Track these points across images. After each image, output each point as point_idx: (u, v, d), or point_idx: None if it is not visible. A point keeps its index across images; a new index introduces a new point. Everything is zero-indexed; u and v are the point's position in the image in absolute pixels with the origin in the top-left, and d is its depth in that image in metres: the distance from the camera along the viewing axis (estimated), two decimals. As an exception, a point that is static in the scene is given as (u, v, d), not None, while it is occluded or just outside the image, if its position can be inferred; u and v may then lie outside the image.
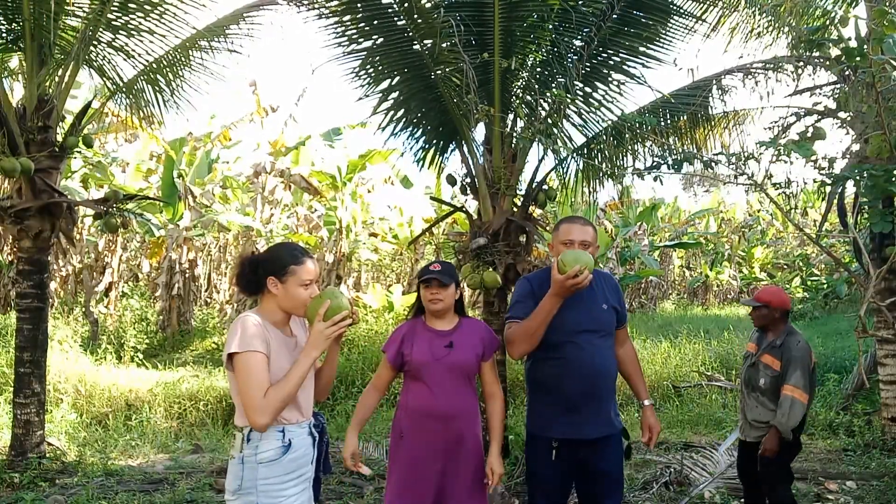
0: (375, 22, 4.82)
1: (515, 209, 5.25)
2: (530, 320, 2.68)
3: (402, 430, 2.87)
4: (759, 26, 5.97)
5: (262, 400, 2.15)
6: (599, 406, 2.78)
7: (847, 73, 4.30)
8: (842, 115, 4.83)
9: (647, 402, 2.99)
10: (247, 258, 2.43)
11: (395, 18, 4.78)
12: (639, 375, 3.06)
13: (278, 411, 2.19)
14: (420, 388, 2.83)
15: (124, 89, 5.72)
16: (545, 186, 5.42)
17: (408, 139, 5.59)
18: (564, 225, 2.86)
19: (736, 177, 3.93)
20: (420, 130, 5.55)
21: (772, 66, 5.00)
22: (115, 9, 5.07)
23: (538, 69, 5.10)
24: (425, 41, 4.76)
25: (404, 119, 5.39)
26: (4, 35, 5.23)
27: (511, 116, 5.33)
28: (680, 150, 5.09)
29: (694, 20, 5.22)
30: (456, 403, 2.82)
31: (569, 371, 2.74)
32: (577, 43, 5.03)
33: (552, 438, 2.76)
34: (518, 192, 5.30)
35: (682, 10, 5.17)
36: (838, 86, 4.99)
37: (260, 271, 2.34)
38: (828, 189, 4.71)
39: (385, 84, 5.17)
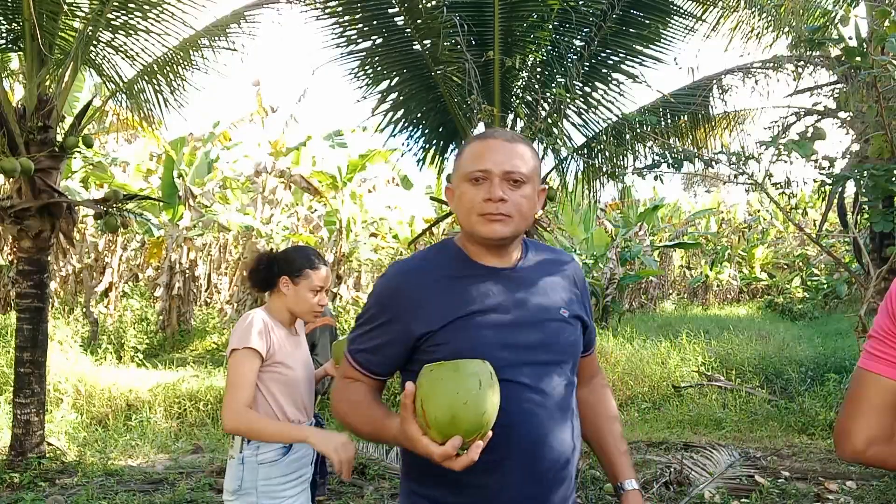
0: (375, 22, 4.83)
1: (515, 209, 5.24)
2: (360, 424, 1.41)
3: None
4: (758, 26, 5.97)
5: (243, 409, 2.13)
6: None
7: (850, 71, 4.30)
8: (842, 115, 4.83)
9: (629, 487, 1.54)
10: (264, 255, 2.48)
11: (395, 18, 4.78)
12: (618, 437, 1.60)
13: (242, 432, 2.17)
14: None
15: (124, 89, 5.72)
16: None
17: (407, 139, 5.61)
18: (474, 144, 1.41)
19: (736, 176, 3.93)
20: (420, 130, 5.56)
21: (772, 65, 5.00)
22: (115, 9, 5.07)
23: (538, 69, 5.10)
24: (425, 41, 4.76)
25: (404, 119, 5.39)
26: (4, 35, 5.22)
27: (511, 116, 5.33)
28: (680, 149, 5.10)
29: (694, 20, 5.22)
30: None
31: (501, 457, 1.33)
32: (577, 43, 5.04)
33: None
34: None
35: (682, 10, 5.17)
36: (838, 86, 4.98)
37: (275, 269, 2.38)
38: (828, 189, 4.71)
39: (385, 84, 5.17)
